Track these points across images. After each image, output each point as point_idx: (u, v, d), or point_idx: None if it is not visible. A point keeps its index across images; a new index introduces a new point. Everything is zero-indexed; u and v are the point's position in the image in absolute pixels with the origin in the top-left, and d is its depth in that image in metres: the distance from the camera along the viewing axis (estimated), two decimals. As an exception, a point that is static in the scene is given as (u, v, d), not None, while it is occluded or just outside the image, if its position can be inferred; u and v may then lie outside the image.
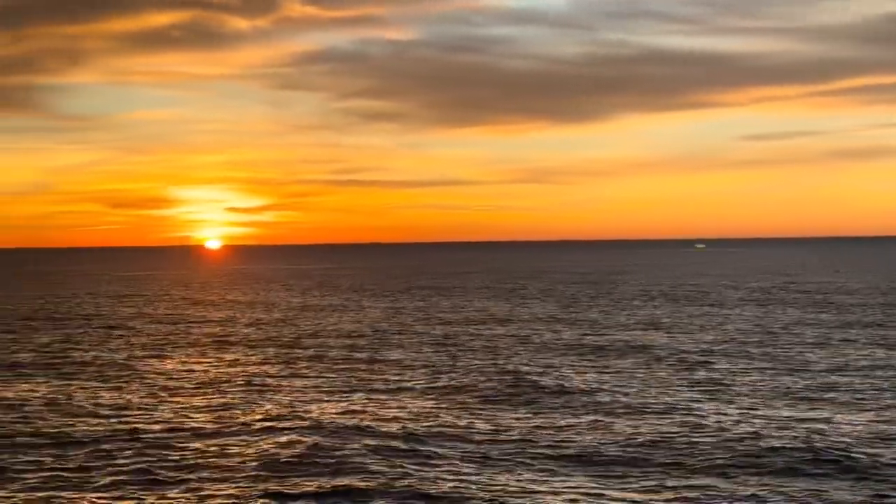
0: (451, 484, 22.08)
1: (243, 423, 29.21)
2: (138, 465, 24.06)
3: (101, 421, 29.85)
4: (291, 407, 31.94)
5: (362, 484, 22.07)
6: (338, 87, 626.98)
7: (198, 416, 30.68)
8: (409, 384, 36.73)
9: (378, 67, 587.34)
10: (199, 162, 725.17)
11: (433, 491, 21.53)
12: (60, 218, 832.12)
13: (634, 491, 21.60)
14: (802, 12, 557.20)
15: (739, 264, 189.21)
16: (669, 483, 22.17)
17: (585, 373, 39.47)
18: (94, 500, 21.34)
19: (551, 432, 27.49)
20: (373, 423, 28.84)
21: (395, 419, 29.62)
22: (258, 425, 28.84)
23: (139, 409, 32.12)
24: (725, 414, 30.03)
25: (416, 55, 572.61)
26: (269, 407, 32.05)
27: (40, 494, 21.71)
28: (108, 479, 22.88)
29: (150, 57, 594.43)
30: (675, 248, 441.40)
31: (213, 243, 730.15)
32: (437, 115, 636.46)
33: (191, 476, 23.08)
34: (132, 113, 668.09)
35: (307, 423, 29.06)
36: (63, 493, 21.82)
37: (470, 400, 33.12)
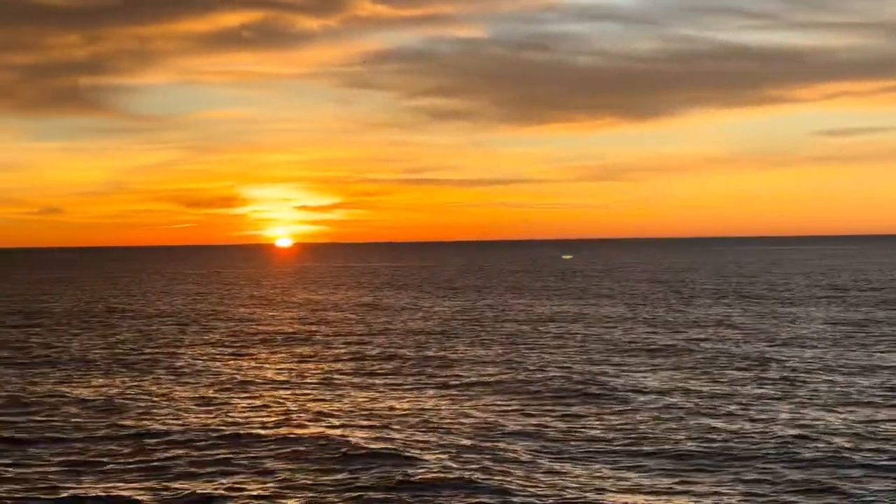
0: (522, 480, 22.21)
1: (316, 419, 29.59)
2: (214, 458, 24.54)
3: (178, 415, 30.42)
4: (364, 403, 32.28)
5: (435, 478, 22.30)
6: (407, 85, 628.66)
7: (270, 411, 31.14)
8: (480, 381, 36.86)
9: (447, 66, 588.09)
10: (270, 161, 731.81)
11: (505, 487, 21.67)
12: (134, 217, 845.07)
13: (706, 487, 21.56)
14: (877, 7, 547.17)
15: (816, 262, 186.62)
16: (743, 479, 22.09)
17: (655, 371, 39.33)
18: (175, 488, 21.79)
19: (623, 430, 27.49)
20: (445, 420, 29.08)
21: (467, 415, 29.82)
22: (331, 421, 29.22)
23: (213, 404, 32.66)
24: (800, 413, 29.79)
25: (485, 53, 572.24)
26: (341, 403, 32.43)
27: (119, 486, 22.21)
28: (184, 471, 23.35)
29: (221, 57, 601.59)
30: (747, 245, 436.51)
31: (283, 241, 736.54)
32: (506, 112, 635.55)
33: (265, 469, 23.48)
34: (203, 113, 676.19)
35: (380, 419, 29.41)
36: (144, 484, 22.31)
37: (540, 398, 33.19)
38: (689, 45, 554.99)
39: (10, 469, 23.84)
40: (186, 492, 21.78)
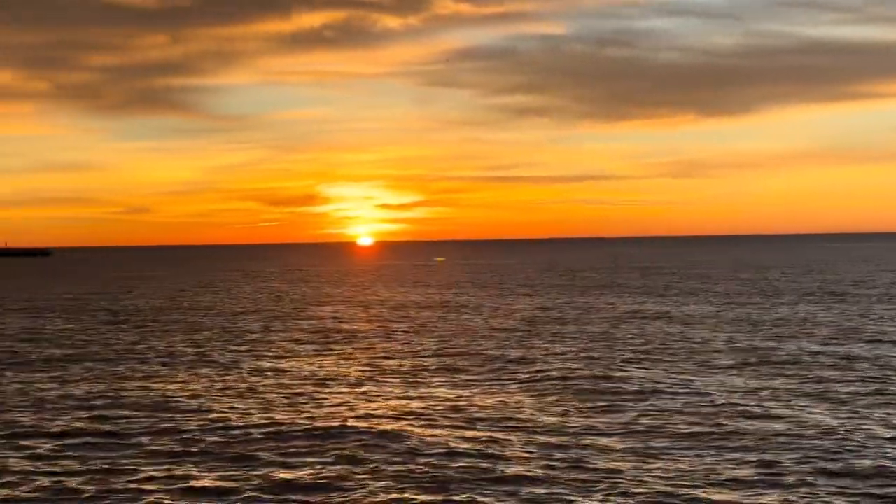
0: (606, 475, 22.17)
1: (399, 415, 29.84)
2: (300, 450, 24.88)
3: (265, 410, 30.88)
4: (447, 400, 32.46)
5: (516, 474, 22.38)
6: (487, 83, 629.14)
7: (354, 406, 31.45)
8: (561, 379, 36.82)
9: (528, 63, 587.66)
10: (351, 160, 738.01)
11: (589, 483, 21.67)
12: (218, 216, 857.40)
13: (798, 487, 21.34)
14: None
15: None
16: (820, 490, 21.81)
17: (741, 370, 38.95)
18: (264, 478, 22.13)
19: (708, 425, 27.27)
20: (526, 417, 29.14)
21: (549, 413, 29.83)
22: (414, 416, 29.44)
23: (298, 399, 33.08)
24: (890, 413, 29.32)
25: (566, 50, 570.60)
26: (424, 400, 32.64)
27: (209, 476, 22.61)
28: (270, 461, 23.70)
29: (303, 57, 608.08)
30: (829, 242, 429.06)
31: (365, 240, 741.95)
32: (586, 109, 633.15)
33: (352, 460, 23.75)
34: (286, 112, 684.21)
35: (462, 415, 29.56)
36: (234, 474, 22.69)
37: (622, 395, 33.06)
38: (771, 40, 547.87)
39: (106, 461, 24.39)
40: (275, 482, 22.11)
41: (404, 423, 28.62)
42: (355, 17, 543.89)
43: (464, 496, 20.95)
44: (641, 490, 21.13)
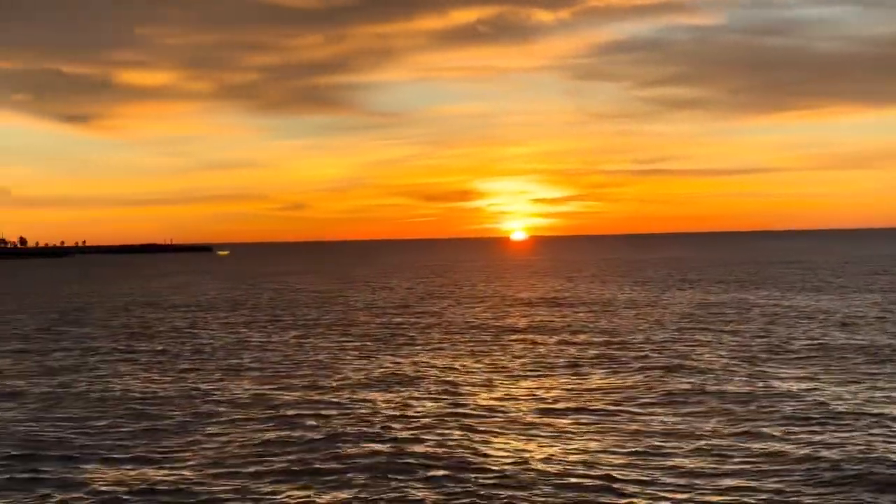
0: (776, 474, 22.74)
1: (566, 408, 30.89)
2: (457, 432, 26.20)
3: (432, 394, 32.33)
4: (608, 391, 33.29)
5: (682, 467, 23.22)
6: (640, 75, 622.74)
7: (525, 397, 32.61)
8: (724, 372, 37.21)
9: (682, 54, 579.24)
10: (505, 154, 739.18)
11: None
12: (374, 211, 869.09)
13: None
14: None
15: None
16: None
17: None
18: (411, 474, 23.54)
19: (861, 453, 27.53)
20: (691, 406, 29.79)
21: (713, 413, 30.41)
22: (581, 407, 30.47)
23: (464, 388, 34.39)
24: None
25: (721, 40, 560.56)
26: (590, 393, 33.55)
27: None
28: (425, 456, 25.07)
29: (456, 52, 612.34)
30: None
31: (518, 234, 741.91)
32: (743, 100, 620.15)
33: (517, 450, 24.94)
34: (440, 108, 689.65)
35: (623, 405, 30.44)
36: (391, 481, 24.18)
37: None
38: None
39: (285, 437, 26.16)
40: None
41: (570, 416, 29.63)
42: (508, 12, 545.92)
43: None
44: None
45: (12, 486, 22.80)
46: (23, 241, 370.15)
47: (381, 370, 40.34)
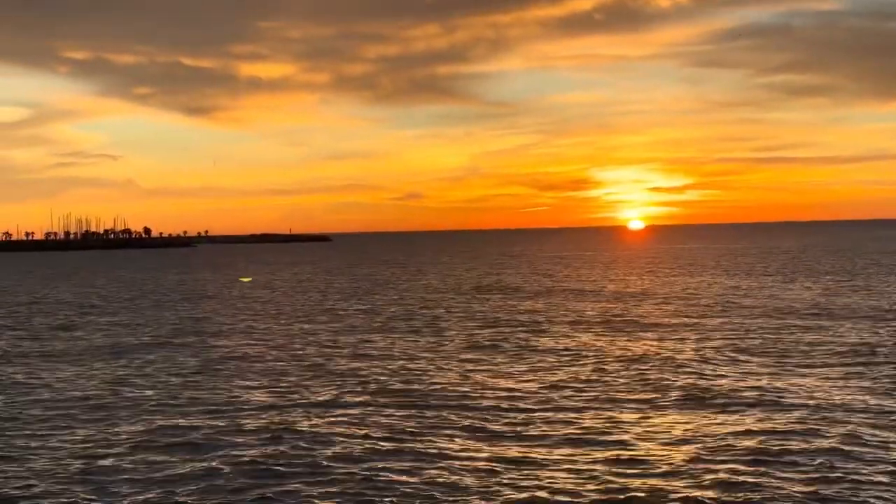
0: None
1: (700, 401, 29.90)
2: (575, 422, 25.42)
3: (534, 394, 31.64)
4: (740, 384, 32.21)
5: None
6: (760, 62, 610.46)
7: (634, 390, 31.72)
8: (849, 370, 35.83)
9: (803, 40, 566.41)
10: (622, 143, 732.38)
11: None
12: (491, 201, 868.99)
13: None
14: None
15: None
16: None
17: None
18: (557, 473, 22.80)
19: None
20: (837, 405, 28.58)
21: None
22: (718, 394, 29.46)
23: (567, 384, 33.65)
24: None
25: (844, 25, 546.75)
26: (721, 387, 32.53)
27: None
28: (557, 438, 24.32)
29: (573, 41, 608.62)
30: None
31: (635, 223, 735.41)
32: (866, 87, 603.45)
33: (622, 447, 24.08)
34: (556, 97, 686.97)
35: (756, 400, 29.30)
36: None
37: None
38: None
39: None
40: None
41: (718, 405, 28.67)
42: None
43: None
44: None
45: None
46: (147, 231, 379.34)
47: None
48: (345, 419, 27.69)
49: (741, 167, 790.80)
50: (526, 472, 21.73)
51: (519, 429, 26.04)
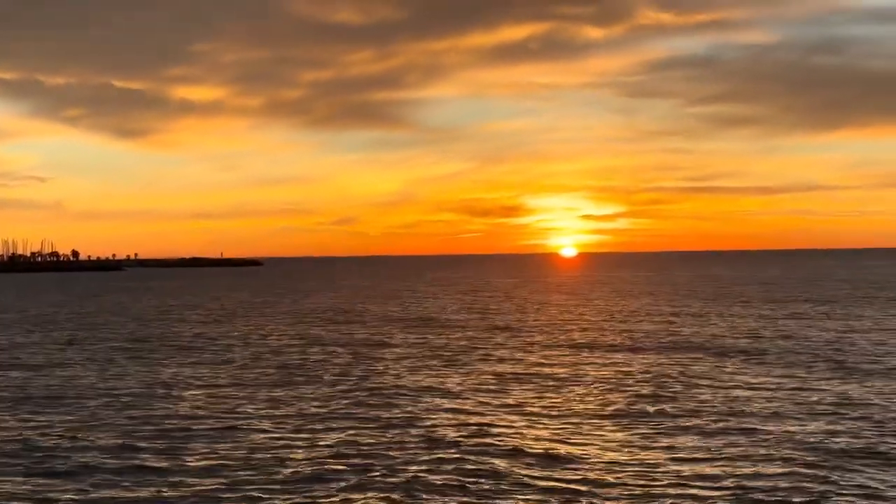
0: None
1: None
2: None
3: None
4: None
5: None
6: (691, 92, 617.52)
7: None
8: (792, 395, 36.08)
9: (733, 72, 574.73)
10: (554, 170, 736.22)
11: None
12: (424, 226, 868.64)
13: None
14: None
15: None
16: None
17: None
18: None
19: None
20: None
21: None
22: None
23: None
24: None
25: (772, 58, 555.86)
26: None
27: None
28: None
29: (507, 69, 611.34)
30: None
31: (567, 251, 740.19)
32: (795, 118, 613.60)
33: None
34: (490, 124, 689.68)
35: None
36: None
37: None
38: None
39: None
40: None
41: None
42: (559, 28, 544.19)
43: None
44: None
45: None
46: (75, 253, 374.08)
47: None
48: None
49: (672, 196, 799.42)
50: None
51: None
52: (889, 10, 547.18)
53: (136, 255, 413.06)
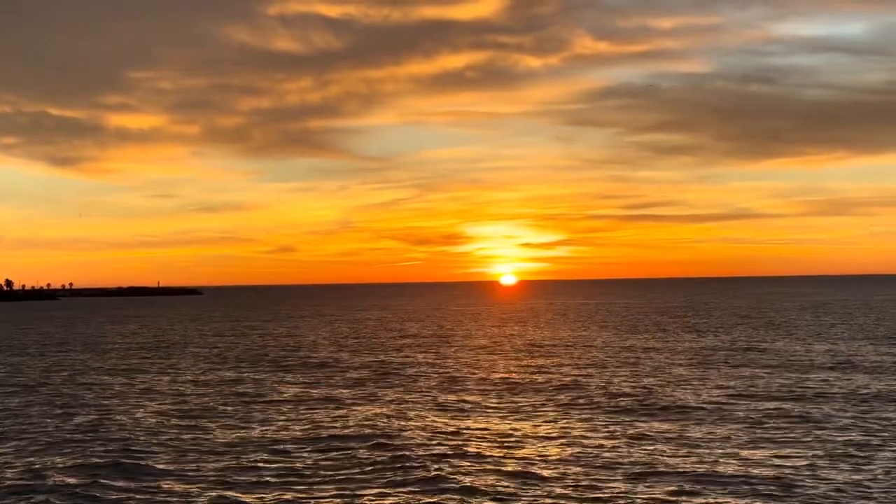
0: None
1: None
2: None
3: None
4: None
5: None
6: (629, 121, 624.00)
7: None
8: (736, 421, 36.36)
9: (671, 101, 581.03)
10: (494, 198, 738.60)
11: None
12: (364, 254, 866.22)
13: None
14: None
15: None
16: None
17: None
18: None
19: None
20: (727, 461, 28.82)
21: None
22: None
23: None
24: None
25: (709, 87, 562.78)
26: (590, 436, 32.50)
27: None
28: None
29: (446, 97, 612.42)
30: None
31: (507, 278, 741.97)
32: (731, 147, 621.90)
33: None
34: (429, 152, 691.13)
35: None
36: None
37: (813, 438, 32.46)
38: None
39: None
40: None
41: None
42: (497, 57, 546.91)
43: None
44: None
45: None
46: (9, 283, 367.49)
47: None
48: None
49: (611, 224, 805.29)
50: None
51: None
52: (823, 40, 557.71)
53: (70, 284, 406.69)
